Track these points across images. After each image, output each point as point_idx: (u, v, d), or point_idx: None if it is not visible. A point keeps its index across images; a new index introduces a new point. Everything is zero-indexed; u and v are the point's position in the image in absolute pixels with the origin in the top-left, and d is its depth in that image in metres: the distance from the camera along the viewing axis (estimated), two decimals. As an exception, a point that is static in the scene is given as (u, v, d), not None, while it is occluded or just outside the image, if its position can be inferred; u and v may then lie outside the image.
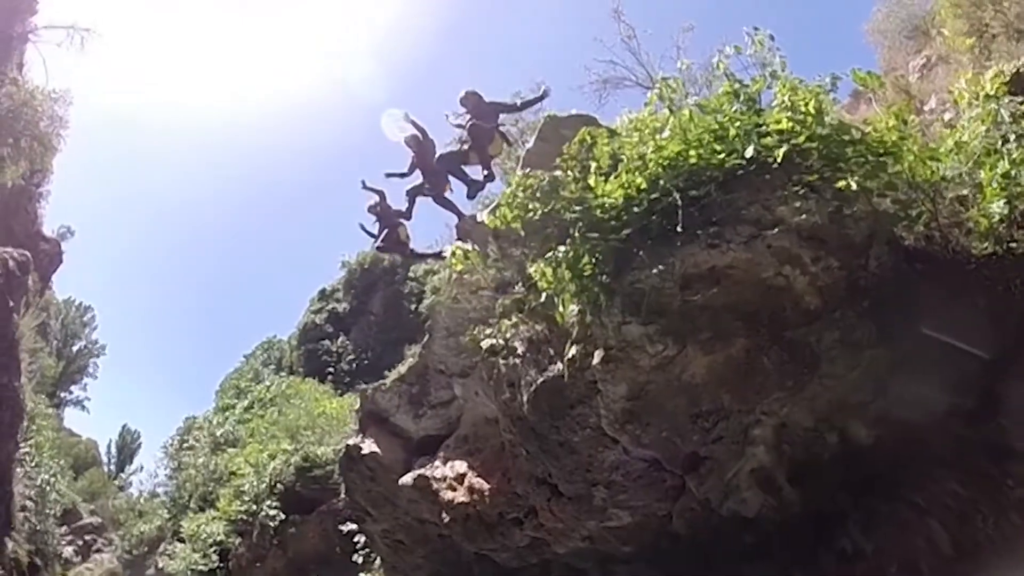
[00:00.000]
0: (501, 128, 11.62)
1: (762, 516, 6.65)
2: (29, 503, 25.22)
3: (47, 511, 28.21)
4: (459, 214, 11.83)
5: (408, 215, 12.78)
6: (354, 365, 32.52)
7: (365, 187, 12.99)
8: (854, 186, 5.67)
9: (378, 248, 16.18)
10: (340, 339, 34.39)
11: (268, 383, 34.41)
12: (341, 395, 27.28)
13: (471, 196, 12.00)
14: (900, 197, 6.13)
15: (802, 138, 6.04)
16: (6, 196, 20.83)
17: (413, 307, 28.03)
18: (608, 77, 17.08)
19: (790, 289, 5.95)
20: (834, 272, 5.97)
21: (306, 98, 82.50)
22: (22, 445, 22.57)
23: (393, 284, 33.32)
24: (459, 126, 11.56)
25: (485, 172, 11.59)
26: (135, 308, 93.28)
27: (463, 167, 11.69)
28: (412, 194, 12.40)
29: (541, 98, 12.40)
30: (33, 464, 26.78)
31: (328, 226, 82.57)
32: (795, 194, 5.92)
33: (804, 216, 5.84)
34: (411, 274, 32.15)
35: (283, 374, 36.11)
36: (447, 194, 11.97)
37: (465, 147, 11.57)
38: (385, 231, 13.22)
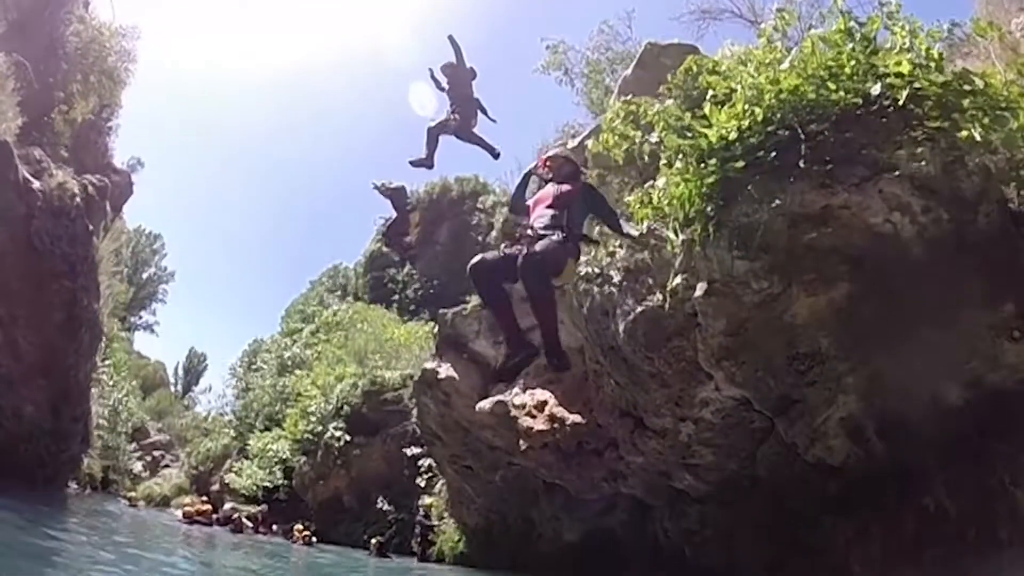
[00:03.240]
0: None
1: (847, 466, 6.61)
2: (103, 421, 26.53)
3: (119, 429, 29.75)
4: (490, 149, 9.86)
5: (430, 162, 9.92)
6: (419, 294, 33.03)
7: (376, 188, 12.25)
8: (977, 136, 5.42)
9: (383, 234, 15.80)
10: (406, 268, 34.77)
11: (335, 308, 35.20)
12: (406, 323, 27.86)
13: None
14: (1014, 155, 5.85)
15: (923, 83, 5.78)
16: (77, 130, 21.38)
17: (480, 238, 28.14)
18: (708, 8, 16.31)
19: (897, 237, 5.79)
20: (943, 225, 5.76)
21: (372, 44, 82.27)
22: (100, 366, 23.55)
23: (461, 215, 33.55)
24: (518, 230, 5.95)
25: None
26: (203, 235, 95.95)
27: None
28: (434, 133, 9.78)
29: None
30: (110, 384, 28.10)
31: (397, 155, 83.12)
32: (913, 140, 5.70)
33: (921, 163, 5.62)
34: (479, 205, 32.35)
35: (349, 300, 36.87)
36: (474, 128, 9.73)
37: (515, 250, 5.40)
38: (393, 218, 12.96)
